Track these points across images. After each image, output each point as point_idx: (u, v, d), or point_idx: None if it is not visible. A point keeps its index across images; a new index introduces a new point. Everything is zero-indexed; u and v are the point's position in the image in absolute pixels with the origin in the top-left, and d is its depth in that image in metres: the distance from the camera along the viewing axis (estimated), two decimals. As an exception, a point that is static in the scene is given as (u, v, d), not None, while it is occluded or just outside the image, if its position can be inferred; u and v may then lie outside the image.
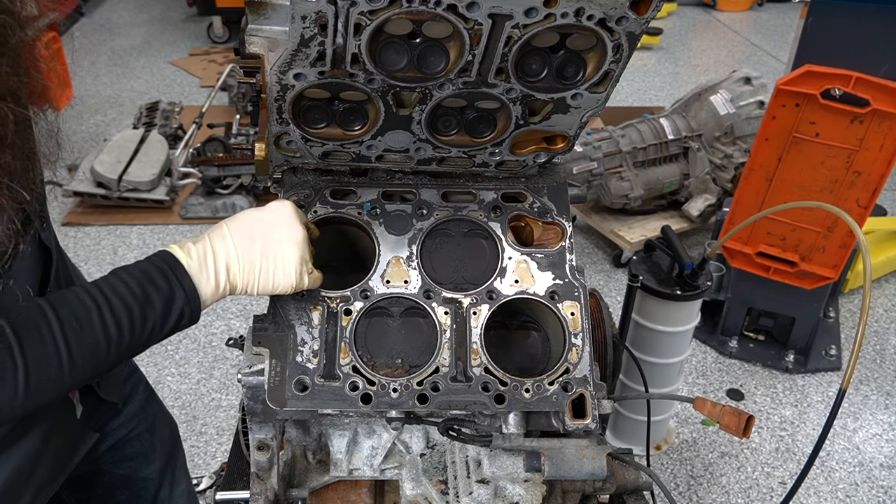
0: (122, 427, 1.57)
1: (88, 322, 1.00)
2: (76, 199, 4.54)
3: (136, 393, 1.62)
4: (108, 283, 1.04)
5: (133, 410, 1.59)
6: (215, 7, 6.84)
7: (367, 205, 1.34)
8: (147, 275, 1.06)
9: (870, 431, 3.21)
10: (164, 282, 1.06)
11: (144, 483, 1.65)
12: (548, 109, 1.18)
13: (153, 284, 1.05)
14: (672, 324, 2.65)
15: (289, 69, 1.04)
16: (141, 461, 1.63)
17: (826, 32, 2.78)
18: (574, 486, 1.34)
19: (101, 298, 1.02)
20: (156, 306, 1.06)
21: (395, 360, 1.26)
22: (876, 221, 3.89)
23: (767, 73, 6.14)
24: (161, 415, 1.72)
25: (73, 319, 0.99)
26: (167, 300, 1.07)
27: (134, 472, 1.62)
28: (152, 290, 1.05)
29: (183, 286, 1.08)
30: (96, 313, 1.01)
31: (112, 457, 1.57)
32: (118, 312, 1.02)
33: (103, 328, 1.01)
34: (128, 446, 1.59)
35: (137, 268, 1.07)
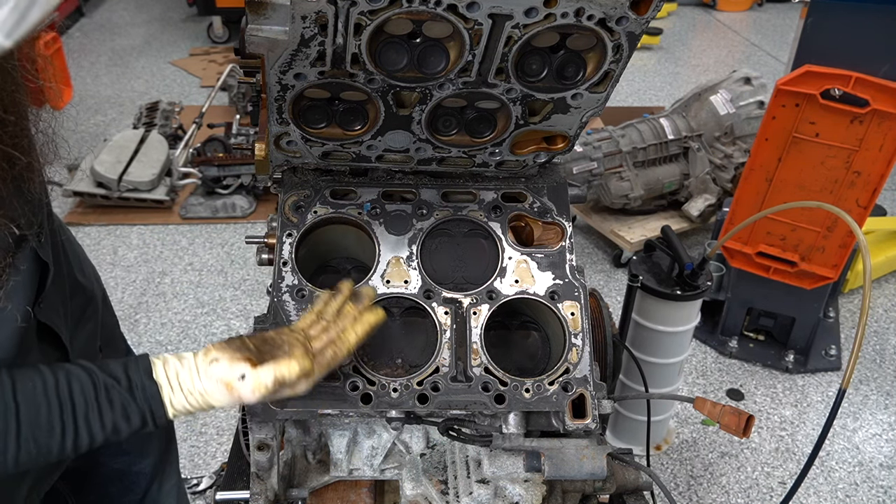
0: None
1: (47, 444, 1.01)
2: (76, 199, 4.55)
3: None
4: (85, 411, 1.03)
5: None
6: (215, 7, 6.84)
7: (367, 205, 1.34)
8: (126, 413, 1.05)
9: (870, 431, 3.21)
10: (139, 422, 1.07)
11: (137, 477, 1.67)
12: (548, 109, 1.18)
13: (127, 422, 1.06)
14: (672, 324, 2.65)
15: (289, 69, 1.04)
16: (136, 455, 1.64)
17: (826, 32, 2.78)
18: (574, 486, 1.34)
19: (71, 426, 1.02)
20: (121, 435, 1.07)
21: (395, 360, 1.26)
22: (876, 221, 3.89)
23: (767, 73, 6.14)
24: None
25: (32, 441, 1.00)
26: (134, 432, 1.08)
27: (128, 466, 1.64)
28: (124, 425, 1.06)
29: (156, 423, 1.08)
30: (59, 438, 1.02)
31: (110, 450, 1.58)
32: (80, 440, 1.04)
33: (60, 449, 1.03)
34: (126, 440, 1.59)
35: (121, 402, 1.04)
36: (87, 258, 1.53)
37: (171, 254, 4.21)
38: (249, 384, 1.04)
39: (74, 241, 1.47)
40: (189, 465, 2.95)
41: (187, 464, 2.95)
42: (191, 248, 4.26)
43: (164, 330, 3.65)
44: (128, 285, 3.94)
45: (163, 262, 4.14)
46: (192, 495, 2.81)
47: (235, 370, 1.04)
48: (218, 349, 1.07)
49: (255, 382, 1.04)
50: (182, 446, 3.01)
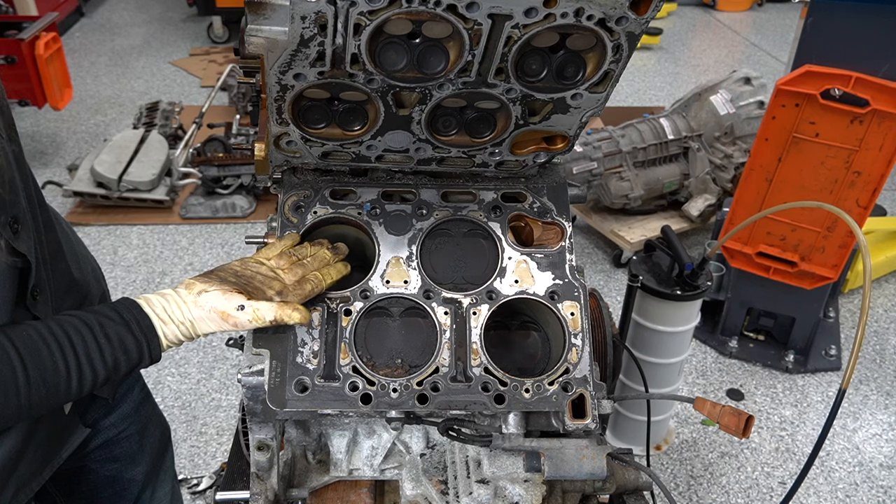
0: (113, 426, 1.57)
1: (55, 384, 1.06)
2: (76, 199, 4.55)
3: (131, 394, 1.63)
4: (85, 348, 1.07)
5: (126, 411, 1.60)
6: (215, 7, 6.84)
7: (367, 205, 1.34)
8: (124, 346, 1.10)
9: (870, 431, 3.21)
10: (137, 354, 1.12)
11: (129, 484, 1.66)
12: (548, 109, 1.18)
13: (126, 355, 1.11)
14: (672, 324, 2.65)
15: (289, 69, 1.04)
16: (127, 462, 1.64)
17: (826, 32, 2.78)
18: (574, 486, 1.34)
19: (74, 365, 1.06)
20: (121, 371, 1.12)
21: (395, 361, 1.26)
22: (876, 221, 3.89)
23: (767, 73, 6.14)
24: (154, 417, 1.72)
25: (41, 382, 1.04)
26: (134, 365, 1.13)
27: (119, 473, 1.63)
28: (123, 360, 1.11)
29: (152, 356, 1.14)
30: (65, 377, 1.06)
31: (100, 455, 1.58)
32: (85, 377, 1.08)
33: (67, 388, 1.07)
34: (116, 447, 1.59)
35: (117, 336, 1.10)
36: (88, 256, 1.52)
37: (171, 254, 4.21)
38: (248, 315, 1.13)
39: (74, 239, 1.46)
40: (189, 465, 2.95)
41: (187, 464, 2.95)
42: (191, 248, 4.26)
43: (164, 330, 3.64)
44: (128, 285, 3.94)
45: (163, 262, 4.14)
46: (191, 495, 2.81)
47: (232, 301, 1.13)
48: (202, 281, 1.15)
49: (255, 315, 1.13)
50: (182, 446, 3.01)
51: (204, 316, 1.14)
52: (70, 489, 1.59)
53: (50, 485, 1.45)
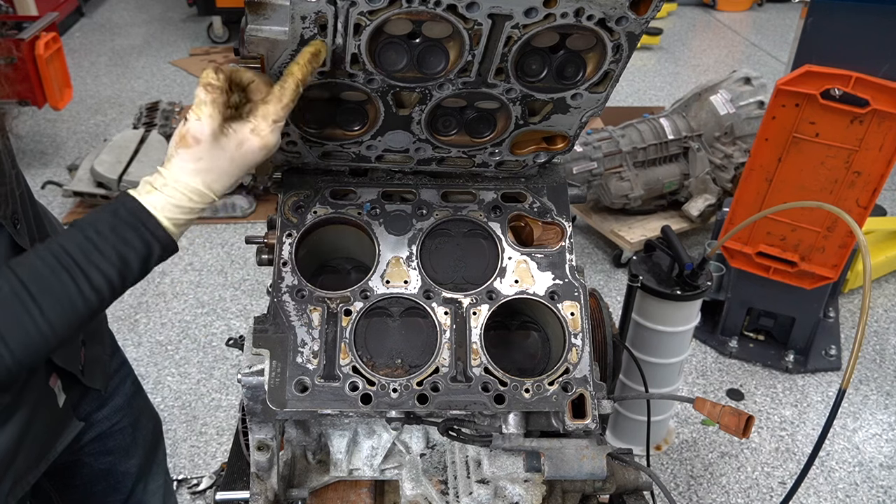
0: (106, 419, 1.58)
1: (69, 300, 1.00)
2: (76, 199, 4.54)
3: (124, 387, 1.64)
4: (83, 252, 1.00)
5: (119, 404, 1.61)
6: (215, 7, 6.84)
7: (367, 205, 1.34)
8: (122, 237, 1.02)
9: (870, 431, 3.21)
10: (140, 241, 1.02)
11: (123, 476, 1.67)
12: (548, 109, 1.18)
13: (128, 246, 1.02)
14: (672, 324, 2.65)
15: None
16: (121, 455, 1.64)
17: (826, 32, 2.78)
18: (574, 486, 1.34)
19: (78, 273, 1.00)
20: (133, 267, 1.03)
21: (395, 361, 1.26)
22: (876, 221, 3.89)
23: (767, 73, 6.14)
24: (146, 410, 1.74)
25: (55, 303, 0.99)
26: (145, 257, 1.04)
27: (113, 466, 1.64)
28: (128, 251, 1.02)
29: (159, 239, 1.04)
30: (75, 290, 1.00)
31: (93, 448, 1.58)
32: (97, 283, 1.01)
33: (84, 301, 1.01)
34: (110, 439, 1.60)
35: (110, 228, 1.01)
36: None
37: (171, 254, 4.21)
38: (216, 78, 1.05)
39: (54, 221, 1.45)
40: (189, 465, 2.95)
41: (187, 464, 2.95)
42: (191, 248, 4.26)
43: (164, 330, 3.65)
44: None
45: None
46: (191, 495, 2.82)
47: None
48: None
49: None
50: (182, 446, 3.01)
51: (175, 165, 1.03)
52: (64, 483, 1.60)
53: (44, 480, 1.45)
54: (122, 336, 3.58)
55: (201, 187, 1.04)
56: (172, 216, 1.04)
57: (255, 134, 1.03)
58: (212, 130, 1.02)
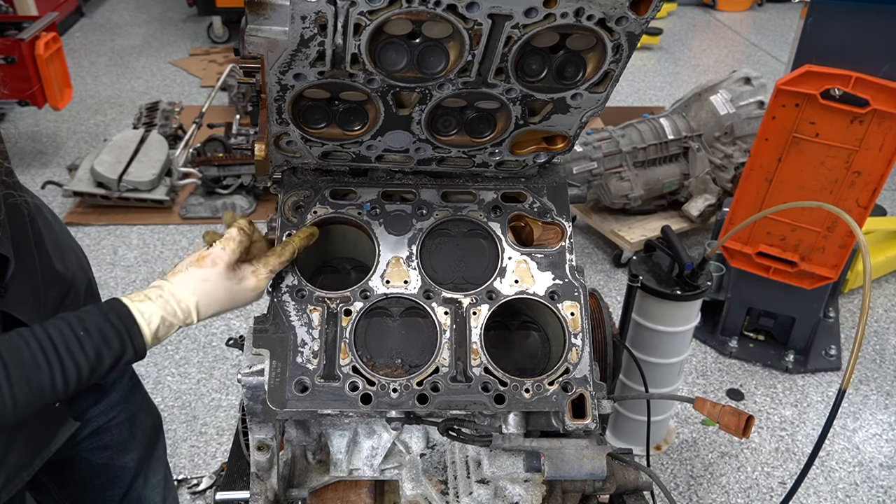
0: (102, 414, 1.58)
1: (38, 382, 1.06)
2: (76, 199, 4.55)
3: (120, 382, 1.64)
4: (65, 342, 1.08)
5: (115, 399, 1.61)
6: (215, 7, 6.84)
7: (367, 205, 1.34)
8: (104, 337, 1.10)
9: (870, 431, 3.21)
10: (119, 344, 1.11)
11: (121, 471, 1.68)
12: (548, 109, 1.18)
13: (107, 346, 1.10)
14: (672, 324, 2.65)
15: (289, 69, 1.04)
16: (119, 450, 1.65)
17: (826, 32, 2.78)
18: (574, 486, 1.34)
19: (55, 359, 1.06)
20: (105, 364, 1.11)
21: (395, 361, 1.26)
22: (876, 221, 3.89)
23: (767, 73, 6.14)
24: (144, 406, 1.75)
25: (24, 381, 1.04)
26: (117, 357, 1.12)
27: (111, 461, 1.65)
28: (105, 351, 1.10)
29: (135, 346, 1.12)
30: (47, 373, 1.06)
31: (91, 444, 1.59)
32: (68, 372, 1.08)
33: (52, 386, 1.07)
34: (107, 434, 1.60)
35: (96, 327, 1.10)
36: (74, 246, 1.51)
37: (171, 254, 4.21)
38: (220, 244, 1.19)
39: (57, 230, 1.46)
40: (189, 465, 2.95)
41: (187, 464, 2.95)
42: (191, 248, 4.26)
43: (164, 330, 3.64)
44: (128, 285, 3.94)
45: (163, 262, 4.14)
46: (191, 495, 2.82)
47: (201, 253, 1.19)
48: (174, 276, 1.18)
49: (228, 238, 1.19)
50: (182, 446, 3.01)
51: (180, 279, 1.15)
52: (62, 477, 1.60)
53: (42, 474, 1.46)
54: (122, 336, 3.57)
55: (192, 307, 1.15)
56: (155, 328, 1.13)
57: (254, 275, 1.20)
58: (229, 260, 1.18)
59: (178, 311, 1.14)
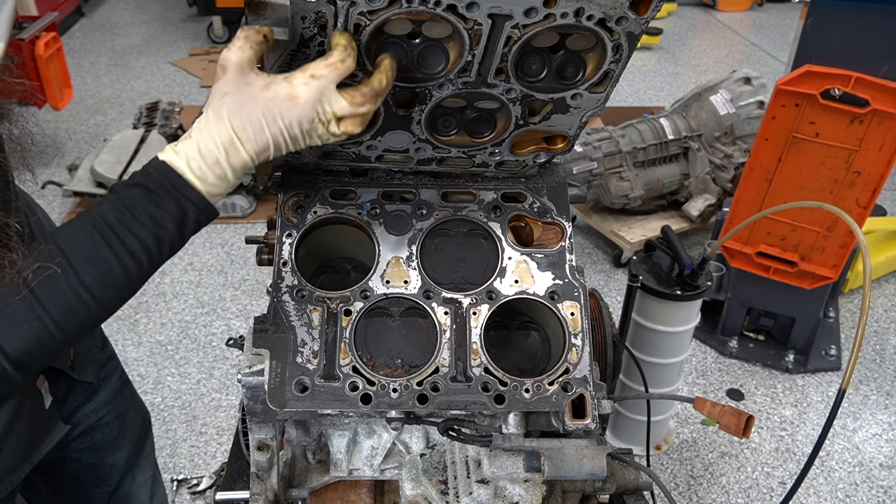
0: (92, 413, 1.59)
1: (105, 264, 1.00)
2: (76, 199, 4.54)
3: (110, 381, 1.65)
4: (115, 215, 1.00)
5: (105, 398, 1.61)
6: (215, 7, 6.84)
7: (367, 205, 1.34)
8: (154, 199, 1.00)
9: (870, 431, 3.21)
10: (174, 204, 1.01)
11: (110, 469, 1.68)
12: (548, 109, 1.18)
13: (162, 209, 1.01)
14: (672, 324, 2.65)
15: (289, 69, 1.04)
16: (108, 449, 1.65)
17: (826, 32, 2.78)
18: (574, 486, 1.34)
19: (112, 237, 1.00)
20: (169, 229, 1.02)
21: (395, 361, 1.26)
22: (876, 221, 3.89)
23: (767, 73, 6.14)
24: (134, 404, 1.75)
25: (90, 267, 0.99)
26: (180, 219, 1.02)
27: (101, 459, 1.65)
28: (162, 214, 1.01)
29: (192, 201, 1.02)
30: (110, 253, 1.00)
31: (81, 444, 1.59)
32: (132, 247, 1.01)
33: (121, 266, 1.01)
34: (97, 433, 1.61)
35: (141, 190, 1.01)
36: None
37: (171, 254, 4.21)
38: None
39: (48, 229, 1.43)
40: (189, 465, 2.95)
41: (187, 464, 2.95)
42: (191, 248, 4.26)
43: (164, 330, 3.65)
44: (128, 285, 3.94)
45: (163, 262, 4.14)
46: (191, 495, 2.82)
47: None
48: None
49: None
50: (182, 446, 3.01)
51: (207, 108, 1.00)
52: (52, 477, 1.61)
53: (32, 473, 1.46)
54: (123, 336, 3.58)
55: (228, 129, 1.00)
56: (200, 170, 1.01)
57: (286, 81, 0.98)
58: (238, 59, 0.97)
59: (216, 141, 1.00)
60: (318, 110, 1.00)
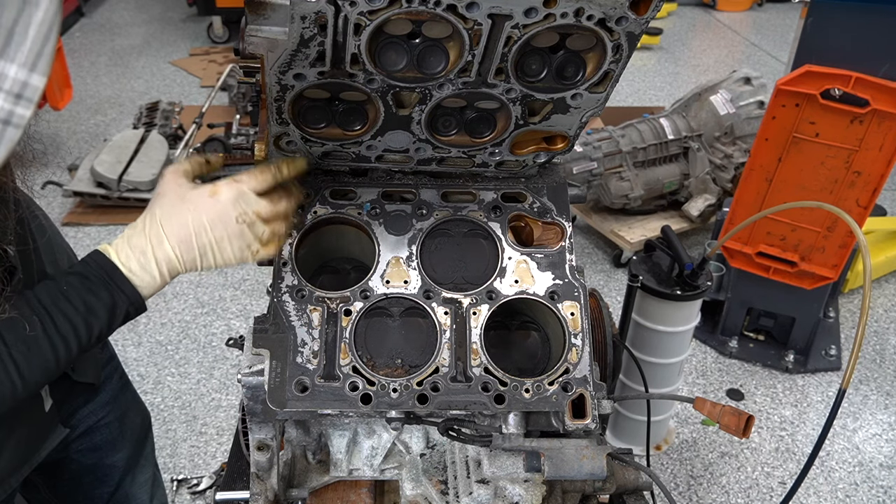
0: (92, 414, 1.59)
1: (36, 344, 1.04)
2: (76, 199, 4.55)
3: (111, 382, 1.65)
4: (51, 298, 1.06)
5: (105, 399, 1.62)
6: (215, 7, 6.84)
7: (367, 205, 1.34)
8: (88, 286, 1.08)
9: (870, 431, 3.21)
10: (106, 292, 1.09)
11: (110, 469, 1.69)
12: (548, 109, 1.18)
13: (95, 296, 1.08)
14: (672, 324, 2.65)
15: (288, 69, 1.04)
16: (108, 450, 1.66)
17: (826, 32, 2.78)
18: (574, 486, 1.34)
19: (46, 317, 1.05)
20: (99, 315, 1.09)
21: (395, 361, 1.26)
22: (876, 221, 3.89)
23: (767, 73, 6.14)
24: (134, 404, 1.75)
25: (21, 344, 1.03)
26: (111, 308, 1.10)
27: (101, 460, 1.66)
28: (94, 301, 1.08)
29: (124, 292, 1.10)
30: (42, 334, 1.05)
31: (81, 445, 1.60)
32: (63, 329, 1.06)
33: (51, 347, 1.06)
34: (97, 434, 1.61)
35: (77, 277, 1.09)
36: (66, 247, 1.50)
37: (171, 254, 4.21)
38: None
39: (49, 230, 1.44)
40: (189, 465, 2.95)
41: (187, 464, 2.95)
42: (191, 248, 4.26)
43: (164, 330, 3.65)
44: (128, 285, 3.94)
45: (163, 262, 4.13)
46: (191, 495, 2.82)
47: None
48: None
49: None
50: (182, 446, 3.01)
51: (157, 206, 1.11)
52: (52, 478, 1.62)
53: (32, 474, 1.46)
54: (122, 336, 3.58)
55: (156, 222, 1.10)
56: (127, 258, 1.10)
57: (213, 184, 1.15)
58: (176, 168, 1.16)
59: (145, 231, 1.11)
60: (239, 210, 1.14)
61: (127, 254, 1.11)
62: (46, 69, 0.79)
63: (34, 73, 0.79)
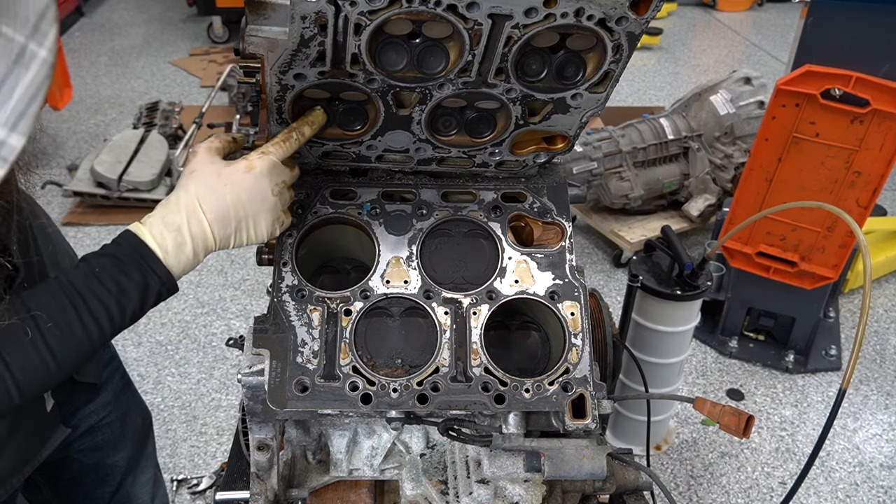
0: (94, 414, 1.59)
1: (69, 327, 1.03)
2: (76, 199, 4.55)
3: (112, 381, 1.65)
4: (83, 280, 1.05)
5: (107, 399, 1.62)
6: (215, 7, 6.84)
7: (367, 205, 1.34)
8: (120, 267, 1.06)
9: (870, 431, 3.21)
10: (138, 273, 1.07)
11: (111, 469, 1.69)
12: (548, 109, 1.18)
13: (127, 276, 1.06)
14: (672, 324, 2.65)
15: (289, 69, 1.04)
16: (110, 449, 1.66)
17: (826, 32, 2.78)
18: (574, 486, 1.34)
19: (79, 300, 1.04)
20: (132, 297, 1.07)
21: (395, 361, 1.26)
22: (876, 221, 3.89)
23: (767, 73, 6.14)
24: (135, 404, 1.76)
25: (54, 328, 1.02)
26: (142, 289, 1.08)
27: (102, 460, 1.66)
28: (126, 282, 1.06)
29: (156, 273, 1.08)
30: (75, 316, 1.03)
31: (82, 444, 1.60)
32: (96, 311, 1.05)
33: (84, 329, 1.04)
34: (98, 434, 1.61)
35: (109, 259, 1.07)
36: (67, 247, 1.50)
37: (171, 254, 4.21)
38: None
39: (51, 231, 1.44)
40: (189, 465, 2.95)
41: (187, 464, 2.95)
42: (191, 248, 4.26)
43: (164, 330, 3.65)
44: (128, 285, 3.94)
45: (163, 262, 4.13)
46: (191, 495, 2.82)
47: None
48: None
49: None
50: (182, 446, 3.01)
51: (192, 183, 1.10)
52: (54, 478, 1.62)
53: (33, 473, 1.46)
54: (123, 336, 3.58)
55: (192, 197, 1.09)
56: (161, 237, 1.08)
57: (244, 158, 1.13)
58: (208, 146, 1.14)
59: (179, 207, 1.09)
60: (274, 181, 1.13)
61: (161, 232, 1.09)
62: (27, 130, 0.80)
63: (14, 132, 0.79)
